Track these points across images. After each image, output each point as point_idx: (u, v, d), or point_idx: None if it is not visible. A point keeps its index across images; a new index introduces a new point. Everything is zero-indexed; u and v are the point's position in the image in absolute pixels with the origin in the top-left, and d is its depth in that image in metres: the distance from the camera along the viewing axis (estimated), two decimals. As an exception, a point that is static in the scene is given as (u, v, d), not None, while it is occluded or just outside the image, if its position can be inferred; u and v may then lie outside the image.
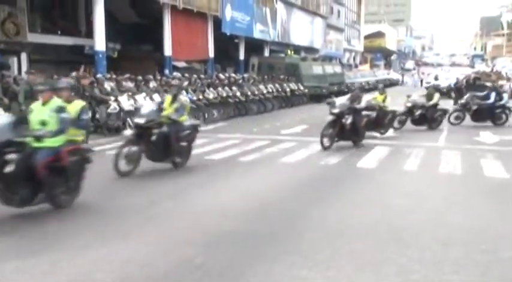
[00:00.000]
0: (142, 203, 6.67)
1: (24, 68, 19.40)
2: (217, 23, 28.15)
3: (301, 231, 5.56)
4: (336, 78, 31.65)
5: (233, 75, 23.06)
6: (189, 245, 5.03)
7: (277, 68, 27.69)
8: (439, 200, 7.11)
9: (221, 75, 21.26)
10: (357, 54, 72.56)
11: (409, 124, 15.31)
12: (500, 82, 27.77)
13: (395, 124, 14.91)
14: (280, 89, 23.25)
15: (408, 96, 16.05)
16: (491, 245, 5.16)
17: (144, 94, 14.33)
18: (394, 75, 57.44)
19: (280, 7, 37.47)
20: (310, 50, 43.56)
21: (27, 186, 5.80)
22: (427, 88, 36.24)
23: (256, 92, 20.77)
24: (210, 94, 17.60)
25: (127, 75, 16.23)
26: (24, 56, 19.62)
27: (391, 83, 50.69)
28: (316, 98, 27.32)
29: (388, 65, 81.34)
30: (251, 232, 5.53)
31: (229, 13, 29.02)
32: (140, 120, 8.60)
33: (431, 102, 15.53)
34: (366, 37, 77.94)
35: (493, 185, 8.15)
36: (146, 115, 8.71)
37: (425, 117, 15.44)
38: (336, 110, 11.44)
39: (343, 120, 11.31)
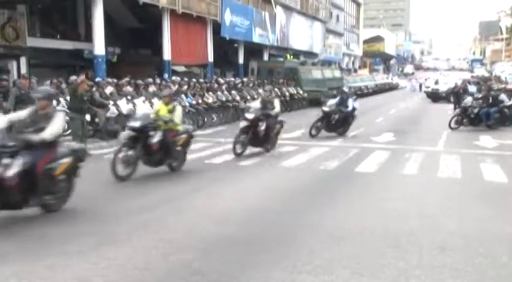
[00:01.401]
0: (140, 207, 6.65)
1: (23, 72, 19.42)
2: (217, 27, 28.20)
3: (300, 235, 5.55)
4: (335, 82, 31.69)
5: (232, 79, 23.07)
6: (187, 250, 5.02)
7: (276, 72, 27.74)
8: (438, 204, 7.10)
9: (220, 80, 21.28)
10: (356, 59, 72.71)
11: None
12: (500, 86, 27.78)
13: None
14: (279, 93, 23.25)
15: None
16: (490, 249, 5.15)
17: (143, 98, 14.34)
18: (394, 79, 57.58)
19: (279, 11, 37.55)
20: (310, 54, 43.62)
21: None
22: (426, 93, 36.40)
23: (256, 96, 20.76)
24: (210, 98, 17.61)
25: (126, 79, 16.24)
26: (23, 60, 19.63)
27: (390, 87, 50.79)
28: (316, 102, 27.34)
29: (387, 70, 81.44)
30: (249, 236, 5.51)
31: (228, 17, 29.07)
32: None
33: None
34: (365, 42, 78.14)
35: (493, 189, 8.14)
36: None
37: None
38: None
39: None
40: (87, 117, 13.48)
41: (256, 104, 11.97)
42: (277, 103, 11.82)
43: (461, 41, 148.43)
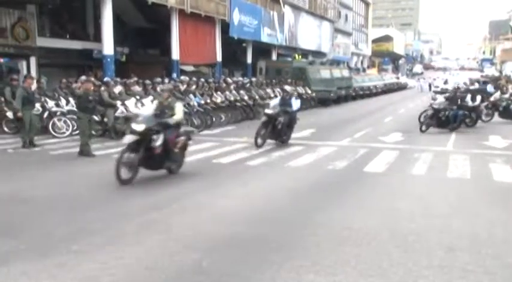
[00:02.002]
0: (148, 206, 6.67)
1: (33, 72, 19.56)
2: (225, 27, 28.25)
3: (308, 235, 5.54)
4: (344, 82, 31.64)
5: (241, 79, 23.09)
6: (194, 249, 5.02)
7: (284, 71, 27.72)
8: (447, 204, 7.06)
9: (229, 79, 21.30)
10: (365, 58, 72.51)
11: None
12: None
13: None
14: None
15: None
16: (500, 250, 5.11)
17: (151, 98, 14.36)
18: (402, 79, 57.38)
19: (287, 11, 37.54)
20: (318, 54, 43.59)
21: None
22: (435, 92, 36.24)
23: (264, 96, 20.78)
24: (218, 98, 17.63)
25: (135, 79, 16.30)
26: (33, 60, 19.78)
27: (399, 87, 50.62)
28: (324, 102, 27.31)
29: (396, 69, 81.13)
30: (257, 236, 5.51)
31: (237, 17, 29.11)
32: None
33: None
34: (374, 41, 77.92)
35: (502, 189, 8.08)
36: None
37: None
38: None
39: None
40: (95, 117, 13.58)
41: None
42: (179, 108, 8.75)
43: (471, 41, 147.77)
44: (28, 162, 10.14)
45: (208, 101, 16.98)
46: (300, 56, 38.63)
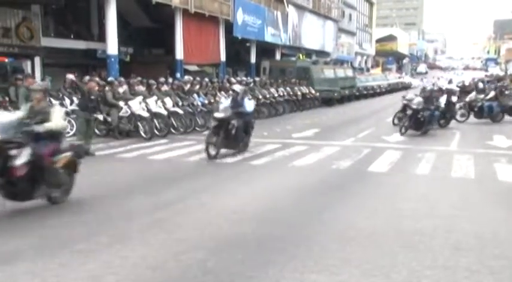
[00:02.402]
0: (152, 206, 6.69)
1: (37, 72, 19.62)
2: (229, 26, 28.27)
3: (312, 235, 5.54)
4: (348, 81, 31.60)
5: (244, 78, 23.09)
6: (200, 249, 5.03)
7: (288, 71, 27.70)
8: (451, 204, 7.04)
9: (232, 79, 21.31)
10: (369, 58, 72.42)
11: None
12: None
13: None
14: (291, 93, 23.24)
15: None
16: (505, 250, 5.09)
17: (155, 98, 14.40)
18: (406, 78, 57.28)
19: (291, 11, 37.52)
20: (322, 53, 43.55)
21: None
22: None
23: (268, 96, 20.79)
24: (222, 98, 17.61)
25: (138, 79, 16.33)
26: (37, 60, 19.84)
27: (403, 87, 50.50)
28: (328, 101, 27.29)
29: (400, 69, 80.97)
30: (261, 236, 5.52)
31: (240, 17, 29.12)
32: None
33: None
34: (378, 41, 77.79)
35: (507, 189, 8.06)
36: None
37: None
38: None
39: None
40: (100, 116, 13.61)
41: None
42: (56, 114, 6.66)
43: (476, 40, 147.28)
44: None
45: (212, 100, 16.98)
46: (304, 56, 38.60)
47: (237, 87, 12.24)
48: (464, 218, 6.32)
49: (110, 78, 16.18)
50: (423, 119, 14.45)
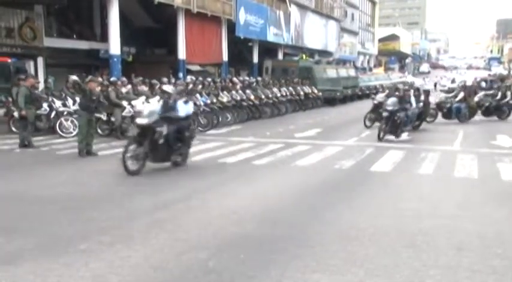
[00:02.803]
0: (154, 205, 6.69)
1: (40, 72, 19.68)
2: (231, 26, 28.29)
3: (314, 235, 5.53)
4: (350, 81, 31.59)
5: (247, 78, 23.10)
6: (202, 249, 5.03)
7: (290, 71, 27.70)
8: (454, 204, 7.03)
9: (235, 79, 21.31)
10: (371, 58, 72.34)
11: None
12: None
13: None
14: (294, 92, 23.23)
15: None
16: (507, 250, 5.08)
17: (158, 97, 14.37)
18: (409, 78, 57.16)
19: (294, 10, 37.51)
20: (324, 53, 43.54)
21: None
22: (442, 91, 36.06)
23: (270, 96, 20.78)
24: (224, 97, 17.64)
25: (140, 78, 16.35)
26: (40, 60, 19.89)
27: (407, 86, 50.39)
28: (331, 101, 27.28)
29: (403, 68, 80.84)
30: (264, 236, 5.51)
31: (243, 17, 29.14)
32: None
33: None
34: (380, 40, 77.70)
35: (510, 189, 8.03)
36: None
37: None
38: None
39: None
40: (103, 116, 13.63)
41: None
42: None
43: (479, 39, 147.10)
44: (35, 162, 10.20)
45: (215, 100, 17.00)
46: (307, 56, 38.58)
47: (168, 88, 10.22)
48: (467, 218, 6.30)
49: (112, 78, 16.20)
50: (399, 121, 13.31)
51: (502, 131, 15.54)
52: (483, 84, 28.43)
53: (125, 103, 13.65)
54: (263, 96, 20.09)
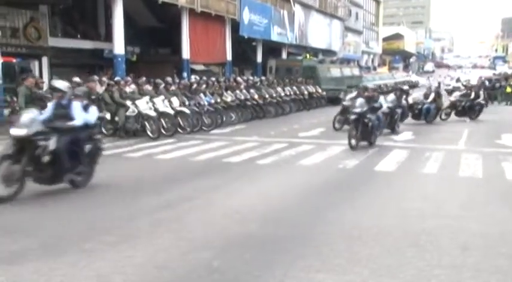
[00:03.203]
0: (159, 205, 6.70)
1: (45, 72, 19.71)
2: (235, 26, 28.27)
3: (318, 235, 5.53)
4: (354, 80, 31.51)
5: (251, 78, 23.09)
6: (206, 248, 5.04)
7: (294, 70, 27.66)
8: (459, 204, 7.01)
9: (239, 78, 21.30)
10: (375, 57, 72.17)
11: None
12: None
13: None
14: (298, 92, 23.21)
15: None
16: (512, 249, 5.06)
17: (162, 97, 14.43)
18: (413, 77, 57.05)
19: (298, 10, 37.46)
20: (328, 52, 43.45)
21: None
22: (447, 91, 35.94)
23: (274, 95, 20.76)
24: (228, 97, 17.64)
25: (144, 79, 16.37)
26: (45, 60, 19.93)
27: (410, 85, 50.28)
28: (334, 100, 27.22)
29: (407, 68, 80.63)
30: (268, 235, 5.51)
31: (247, 16, 29.11)
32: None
33: None
34: (385, 39, 77.50)
35: (515, 188, 8.01)
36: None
37: None
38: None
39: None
40: (107, 115, 13.66)
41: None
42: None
43: (483, 38, 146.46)
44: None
45: (219, 100, 17.00)
46: (311, 55, 38.53)
47: (61, 84, 7.76)
48: (471, 217, 6.28)
49: (116, 78, 16.23)
50: (371, 125, 11.87)
51: (506, 130, 15.48)
52: (486, 83, 28.36)
53: (128, 103, 13.66)
54: (267, 96, 20.08)
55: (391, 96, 15.63)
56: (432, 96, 18.01)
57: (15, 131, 6.79)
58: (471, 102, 18.96)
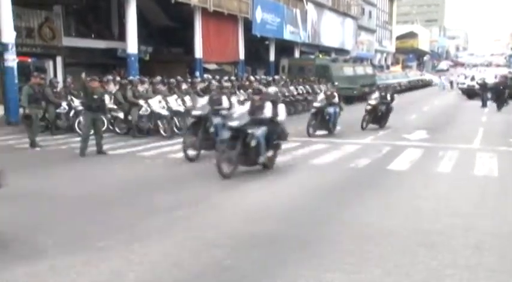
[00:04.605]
0: (172, 204, 6.73)
1: (59, 71, 19.91)
2: (248, 25, 28.26)
3: (330, 233, 5.52)
4: (367, 79, 31.34)
5: (263, 77, 23.08)
6: (218, 247, 5.05)
7: (307, 69, 27.58)
8: (474, 203, 6.95)
9: (251, 77, 21.31)
10: (389, 55, 71.69)
11: None
12: None
13: None
14: (310, 91, 23.15)
15: None
16: (527, 250, 5.01)
17: (175, 96, 14.48)
18: (427, 76, 56.59)
19: (310, 8, 37.34)
20: (341, 51, 43.26)
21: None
22: (461, 89, 35.56)
23: (287, 94, 20.73)
24: (241, 96, 17.64)
25: (158, 78, 16.44)
26: (59, 60, 20.13)
27: (424, 84, 49.92)
28: (347, 99, 27.10)
29: (421, 66, 80.00)
30: (280, 234, 5.51)
31: (259, 15, 29.08)
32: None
33: None
34: (398, 38, 76.92)
35: (530, 188, 7.91)
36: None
37: None
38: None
39: None
40: (121, 115, 13.74)
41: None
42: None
43: (499, 36, 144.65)
44: (53, 160, 10.30)
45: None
46: (323, 54, 38.40)
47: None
48: (486, 217, 6.23)
49: (130, 77, 16.32)
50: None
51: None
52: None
53: (141, 102, 13.73)
54: (280, 95, 20.03)
55: (320, 96, 15.18)
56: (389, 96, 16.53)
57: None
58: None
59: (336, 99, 14.73)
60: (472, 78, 35.65)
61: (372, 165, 9.81)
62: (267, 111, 8.92)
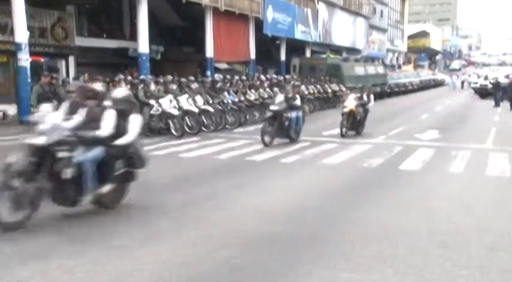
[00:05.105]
0: (184, 203, 6.74)
1: (72, 71, 20.05)
2: (259, 24, 28.24)
3: (343, 233, 5.49)
4: (379, 79, 31.21)
5: (274, 76, 23.04)
6: (229, 246, 5.05)
7: (318, 68, 27.50)
8: (486, 203, 6.88)
9: (262, 77, 21.28)
10: (400, 55, 71.26)
11: None
12: None
13: None
14: (321, 90, 23.08)
15: None
16: (542, 251, 4.95)
17: (186, 95, 14.52)
18: (439, 75, 56.23)
19: (321, 7, 37.22)
20: (352, 50, 43.09)
21: None
22: (474, 89, 35.25)
23: (306, 92, 20.64)
24: (252, 95, 17.64)
25: (170, 77, 16.48)
26: (72, 59, 20.27)
27: (436, 84, 49.59)
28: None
29: (434, 65, 79.44)
30: (291, 234, 5.50)
31: (270, 14, 29.05)
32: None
33: None
34: (410, 37, 76.44)
35: (544, 188, 7.82)
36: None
37: None
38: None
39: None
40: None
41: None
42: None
43: (511, 35, 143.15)
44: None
45: (242, 98, 17.00)
46: (334, 54, 38.28)
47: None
48: (499, 217, 6.16)
49: (141, 76, 16.37)
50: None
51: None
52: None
53: (152, 101, 13.77)
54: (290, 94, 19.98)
55: (279, 98, 12.66)
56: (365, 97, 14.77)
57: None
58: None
59: (298, 102, 12.74)
60: (486, 78, 35.35)
61: (384, 165, 9.75)
62: (105, 125, 6.11)
